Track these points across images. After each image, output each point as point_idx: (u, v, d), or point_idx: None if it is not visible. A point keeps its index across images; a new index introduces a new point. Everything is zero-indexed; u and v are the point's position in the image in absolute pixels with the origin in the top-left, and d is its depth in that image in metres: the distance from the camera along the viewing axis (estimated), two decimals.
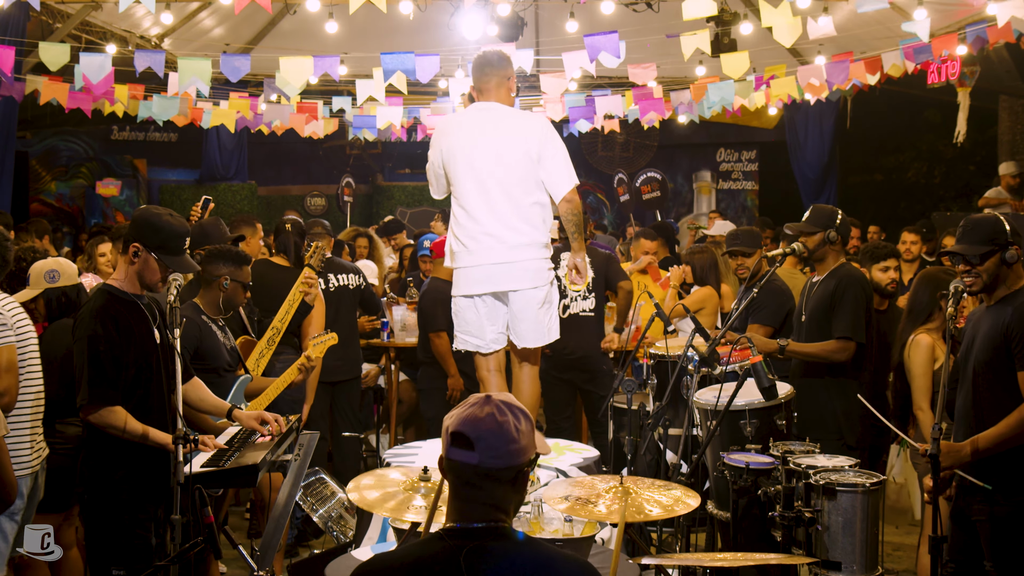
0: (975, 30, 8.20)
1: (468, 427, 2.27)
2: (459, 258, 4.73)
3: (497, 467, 2.26)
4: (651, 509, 3.34)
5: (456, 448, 2.28)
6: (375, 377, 8.07)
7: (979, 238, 3.83)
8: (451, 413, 2.34)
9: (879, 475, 3.97)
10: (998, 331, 3.78)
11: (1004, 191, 10.61)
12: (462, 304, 4.76)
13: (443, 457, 2.33)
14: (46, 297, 4.66)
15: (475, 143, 4.66)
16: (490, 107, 4.72)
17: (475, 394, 2.39)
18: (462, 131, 4.74)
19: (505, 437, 2.27)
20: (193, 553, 3.41)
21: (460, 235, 4.70)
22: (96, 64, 7.94)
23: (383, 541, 4.27)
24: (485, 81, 4.73)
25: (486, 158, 4.62)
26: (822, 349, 4.98)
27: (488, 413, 2.28)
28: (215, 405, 4.21)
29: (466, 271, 4.71)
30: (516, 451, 2.28)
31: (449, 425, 2.31)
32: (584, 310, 6.61)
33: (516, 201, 4.62)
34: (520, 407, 2.33)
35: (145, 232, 3.87)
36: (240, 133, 13.71)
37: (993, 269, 3.82)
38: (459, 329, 4.83)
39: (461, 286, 4.75)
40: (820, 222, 5.06)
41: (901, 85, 10.94)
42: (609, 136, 15.73)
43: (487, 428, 2.27)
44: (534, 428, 2.37)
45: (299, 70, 7.89)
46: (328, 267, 6.78)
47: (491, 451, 2.26)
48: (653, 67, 8.45)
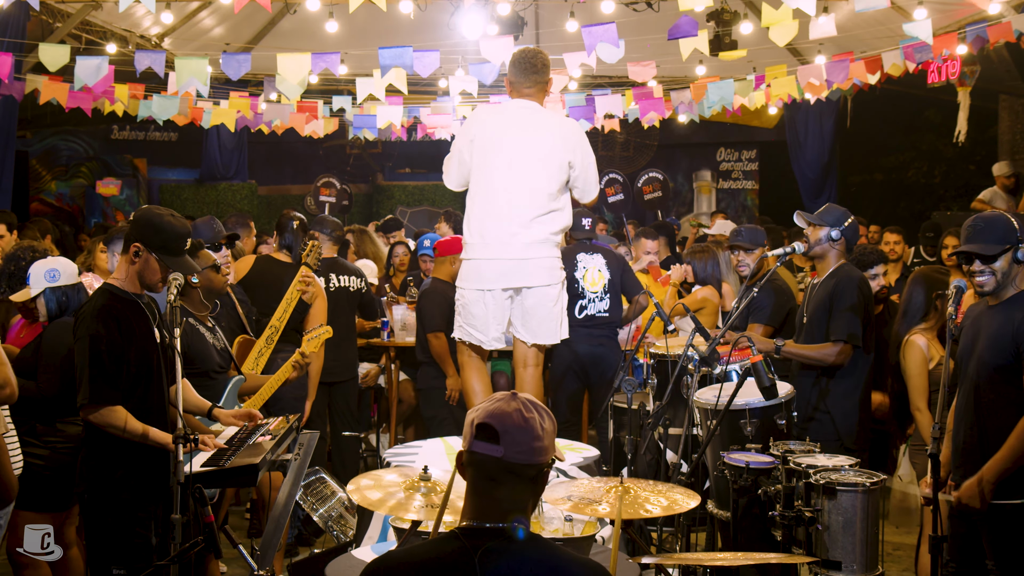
0: (975, 30, 8.20)
1: (495, 420, 2.28)
2: (473, 250, 4.70)
3: (521, 463, 2.27)
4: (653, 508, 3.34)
5: (481, 441, 2.28)
6: (375, 377, 8.06)
7: (992, 237, 3.82)
8: (476, 407, 2.35)
9: (879, 474, 3.97)
10: (1006, 332, 3.75)
11: (999, 191, 10.62)
12: (471, 297, 4.73)
13: (465, 451, 2.33)
14: (46, 296, 4.66)
15: (510, 135, 4.65)
16: (528, 106, 4.73)
17: (501, 391, 2.41)
18: (499, 121, 4.73)
19: (531, 433, 2.28)
20: (193, 552, 3.41)
21: (477, 227, 4.67)
22: (92, 67, 7.92)
23: (383, 540, 4.27)
24: (526, 83, 4.74)
25: (518, 151, 4.63)
26: (818, 351, 4.97)
27: (515, 408, 2.30)
28: (196, 405, 4.19)
29: (478, 263, 4.68)
30: (540, 448, 2.30)
31: (475, 418, 2.32)
32: (601, 311, 6.62)
33: (538, 199, 4.62)
34: (545, 408, 2.35)
35: (146, 232, 3.87)
36: (240, 132, 13.70)
37: (1006, 268, 3.81)
38: (464, 320, 4.79)
39: (472, 279, 4.71)
40: (828, 219, 5.07)
41: (901, 85, 10.95)
42: (609, 136, 15.71)
43: (514, 423, 2.28)
44: (556, 430, 2.39)
45: (297, 67, 7.88)
46: (330, 267, 6.77)
47: (516, 445, 2.27)
48: (652, 65, 8.44)
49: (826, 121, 13.72)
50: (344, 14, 8.97)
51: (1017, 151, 11.91)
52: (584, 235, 6.93)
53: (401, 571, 2.27)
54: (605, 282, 6.64)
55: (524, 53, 4.78)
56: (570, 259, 6.60)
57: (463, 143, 4.76)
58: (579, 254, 6.67)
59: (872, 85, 9.82)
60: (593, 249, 6.80)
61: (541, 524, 3.79)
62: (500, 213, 4.62)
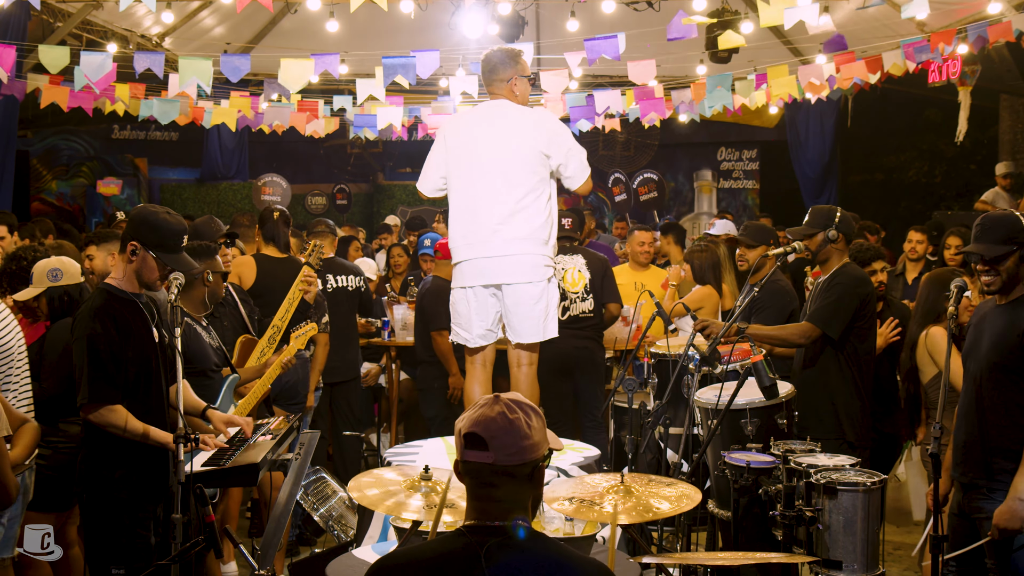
0: (976, 29, 8.20)
1: (480, 427, 2.31)
2: (458, 252, 4.78)
3: (512, 464, 2.30)
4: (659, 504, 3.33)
5: (471, 449, 2.32)
6: (375, 376, 8.07)
7: (998, 237, 3.80)
8: (462, 416, 2.38)
9: (880, 474, 3.96)
10: (1013, 333, 3.74)
11: (1001, 191, 10.62)
12: (456, 296, 4.83)
13: (458, 461, 2.36)
14: (48, 296, 4.66)
15: (482, 135, 4.70)
16: (498, 104, 4.77)
17: (484, 396, 2.43)
18: (468, 125, 4.80)
19: (517, 433, 2.31)
20: (194, 552, 3.41)
21: (460, 230, 4.74)
22: (96, 63, 7.94)
23: (384, 540, 4.27)
24: (489, 84, 4.81)
25: (490, 150, 4.65)
26: (783, 330, 4.99)
27: (499, 412, 2.32)
28: (192, 405, 4.17)
29: (462, 264, 4.76)
30: (529, 447, 2.32)
31: (461, 428, 2.35)
32: (584, 311, 6.63)
33: (516, 195, 4.63)
34: (530, 404, 2.37)
35: (143, 231, 3.87)
36: (241, 132, 13.71)
37: (1012, 268, 3.79)
38: (452, 320, 4.90)
39: (457, 278, 4.82)
40: (819, 223, 5.05)
41: (902, 84, 10.94)
42: (610, 135, 15.71)
43: (499, 426, 2.30)
44: (545, 424, 2.40)
45: (300, 71, 7.88)
46: (328, 267, 6.78)
47: (505, 448, 2.30)
48: (652, 63, 8.43)
49: (827, 121, 13.72)
50: (345, 14, 8.97)
51: (1018, 151, 11.91)
52: (564, 234, 6.90)
53: (409, 569, 2.30)
54: (586, 282, 6.65)
55: (484, 57, 4.84)
56: None
57: (438, 150, 4.82)
58: (558, 255, 6.67)
59: (873, 85, 9.81)
60: (573, 250, 6.80)
61: (542, 524, 3.79)
62: (479, 212, 4.67)
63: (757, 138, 16.94)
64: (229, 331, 5.37)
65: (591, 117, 10.26)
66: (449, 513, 3.16)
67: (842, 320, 4.88)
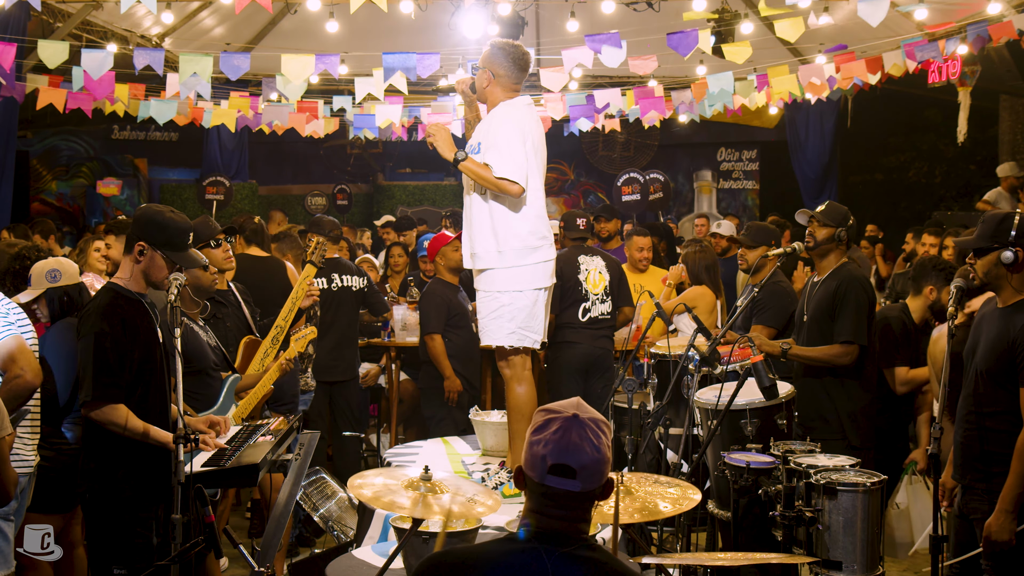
0: (976, 29, 8.20)
1: (571, 459, 2.28)
2: (540, 252, 4.50)
3: (594, 488, 2.31)
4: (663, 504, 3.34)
5: (555, 476, 2.28)
6: (375, 376, 8.06)
7: (983, 232, 3.80)
8: (540, 438, 2.31)
9: (880, 474, 3.96)
10: (1004, 341, 3.71)
11: (1003, 192, 10.61)
12: (531, 298, 4.50)
13: (535, 481, 2.31)
14: (48, 297, 4.64)
15: (539, 134, 4.56)
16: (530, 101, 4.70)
17: (554, 413, 2.34)
18: (534, 120, 4.58)
19: (603, 460, 2.31)
20: (194, 552, 3.41)
21: (540, 229, 4.49)
22: (97, 60, 7.95)
23: (384, 540, 4.27)
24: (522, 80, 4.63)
25: (544, 149, 4.59)
26: (825, 353, 4.97)
27: (585, 439, 2.29)
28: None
29: (547, 264, 4.54)
30: (608, 468, 2.34)
31: (546, 454, 2.29)
32: (603, 313, 6.66)
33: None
34: (602, 420, 2.35)
35: (149, 230, 3.88)
36: (241, 132, 13.69)
37: (985, 267, 3.77)
38: (522, 325, 4.50)
39: (539, 279, 4.51)
40: (835, 218, 5.07)
41: (902, 85, 10.94)
42: (610, 135, 15.70)
43: (590, 458, 2.29)
44: None
45: (300, 68, 7.89)
46: (332, 267, 6.78)
47: (592, 478, 2.29)
48: (653, 59, 8.41)
49: (827, 121, 13.72)
50: (345, 14, 8.97)
51: (1018, 151, 11.90)
52: (579, 235, 6.91)
53: (464, 570, 2.28)
54: (606, 283, 6.68)
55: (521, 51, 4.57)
56: (572, 261, 6.60)
57: (521, 142, 4.43)
58: (579, 256, 6.69)
59: (873, 85, 9.81)
60: (591, 251, 6.83)
61: None
62: (544, 211, 4.55)
63: (757, 138, 16.95)
64: (232, 332, 5.36)
65: (591, 117, 10.26)
66: (440, 513, 3.15)
67: (867, 327, 4.94)
